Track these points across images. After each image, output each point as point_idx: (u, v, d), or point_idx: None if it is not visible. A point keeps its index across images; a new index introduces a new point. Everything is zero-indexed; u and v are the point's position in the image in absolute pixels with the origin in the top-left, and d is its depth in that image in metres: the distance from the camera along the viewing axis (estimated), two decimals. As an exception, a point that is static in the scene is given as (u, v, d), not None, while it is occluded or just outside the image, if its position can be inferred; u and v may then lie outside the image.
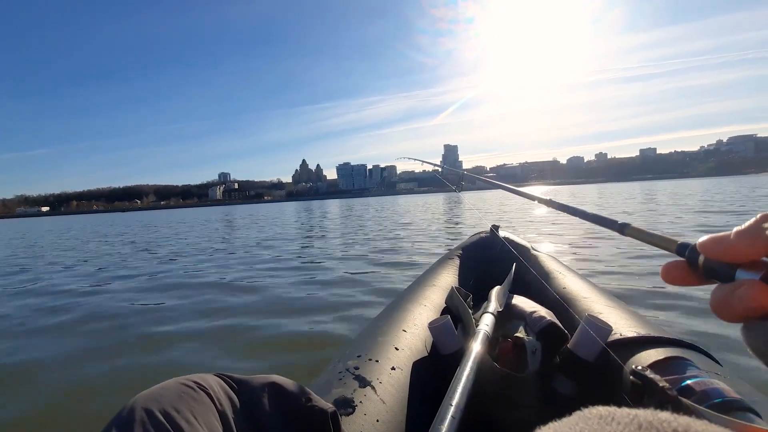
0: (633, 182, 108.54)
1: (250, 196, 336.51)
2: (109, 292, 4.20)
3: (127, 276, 5.14)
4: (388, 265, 4.68)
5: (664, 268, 0.29)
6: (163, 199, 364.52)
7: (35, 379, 2.10)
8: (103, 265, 6.29)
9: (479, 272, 1.74)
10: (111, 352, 2.39)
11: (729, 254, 0.24)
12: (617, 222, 0.44)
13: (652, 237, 0.35)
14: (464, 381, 0.69)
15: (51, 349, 2.52)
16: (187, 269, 5.39)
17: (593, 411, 0.26)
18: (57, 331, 2.91)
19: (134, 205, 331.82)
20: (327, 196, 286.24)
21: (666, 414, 0.23)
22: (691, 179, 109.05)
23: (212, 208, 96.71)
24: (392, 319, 1.13)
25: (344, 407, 0.72)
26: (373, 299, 3.18)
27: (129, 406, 0.47)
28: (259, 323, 2.75)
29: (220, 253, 6.86)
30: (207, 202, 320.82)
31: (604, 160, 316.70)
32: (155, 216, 44.49)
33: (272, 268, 4.93)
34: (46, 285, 4.85)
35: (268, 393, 0.59)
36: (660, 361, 0.80)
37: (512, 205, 16.23)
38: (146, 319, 3.08)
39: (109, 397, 1.85)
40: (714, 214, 8.15)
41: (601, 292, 1.29)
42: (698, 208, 10.03)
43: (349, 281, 3.91)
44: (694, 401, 0.64)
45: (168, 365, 2.16)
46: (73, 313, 3.38)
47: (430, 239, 6.90)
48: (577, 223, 8.54)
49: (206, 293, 3.81)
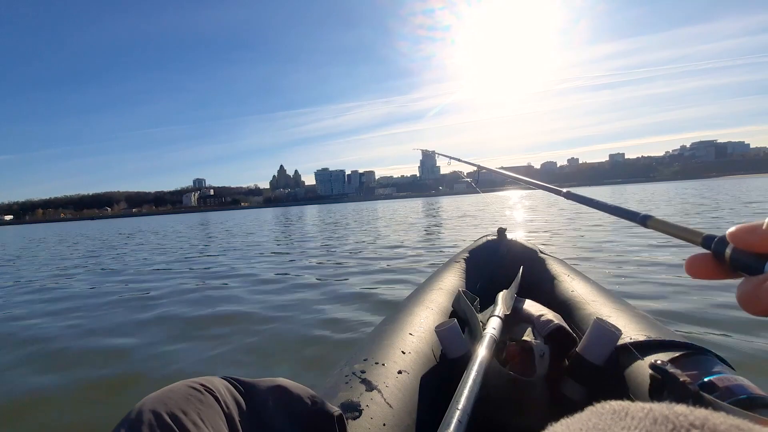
0: (604, 186, 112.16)
1: (227, 202, 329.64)
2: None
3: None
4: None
5: (688, 261, 0.28)
6: (135, 206, 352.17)
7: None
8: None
9: (486, 275, 1.74)
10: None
11: (761, 244, 0.24)
12: (639, 214, 0.43)
13: (676, 229, 0.34)
14: (471, 385, 0.69)
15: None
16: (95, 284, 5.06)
17: (606, 406, 0.26)
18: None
19: (104, 213, 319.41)
20: (306, 201, 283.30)
21: (682, 407, 0.22)
22: (658, 183, 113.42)
23: (186, 215, 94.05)
24: (399, 323, 1.12)
25: (351, 411, 0.72)
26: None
27: (137, 408, 0.47)
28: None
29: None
30: (181, 208, 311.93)
31: (576, 164, 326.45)
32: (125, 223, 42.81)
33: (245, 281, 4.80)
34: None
35: (274, 396, 0.59)
36: (680, 357, 0.79)
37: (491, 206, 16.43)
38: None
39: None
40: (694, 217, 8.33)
41: (610, 295, 1.28)
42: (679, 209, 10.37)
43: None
44: (717, 397, 0.63)
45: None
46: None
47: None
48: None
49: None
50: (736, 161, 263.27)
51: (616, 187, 79.25)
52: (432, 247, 6.30)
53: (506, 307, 1.05)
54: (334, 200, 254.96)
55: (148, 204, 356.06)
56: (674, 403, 0.23)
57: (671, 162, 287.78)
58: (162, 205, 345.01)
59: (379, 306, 3.03)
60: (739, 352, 1.82)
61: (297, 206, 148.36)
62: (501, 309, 1.03)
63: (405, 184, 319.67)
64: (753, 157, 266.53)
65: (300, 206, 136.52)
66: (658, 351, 0.86)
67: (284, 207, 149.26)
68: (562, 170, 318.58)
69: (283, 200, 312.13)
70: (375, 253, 6.00)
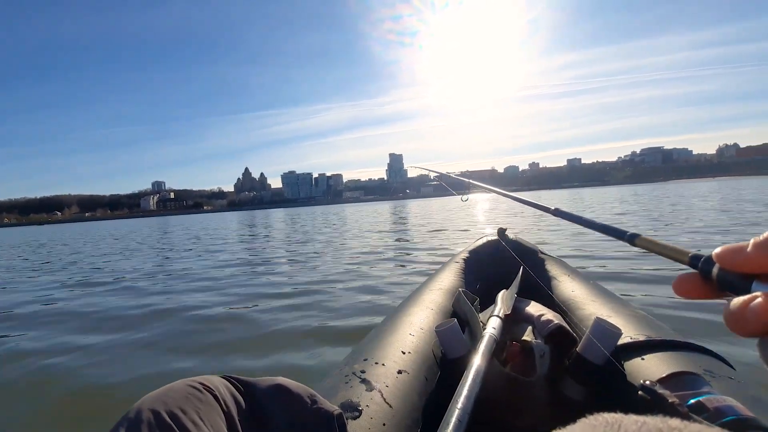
0: (562, 190, 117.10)
1: (188, 206, 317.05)
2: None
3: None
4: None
5: (676, 280, 0.28)
6: (88, 210, 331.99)
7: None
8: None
9: (486, 276, 1.73)
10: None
11: (746, 265, 0.24)
12: (627, 233, 0.42)
13: (664, 248, 0.33)
14: (471, 385, 0.69)
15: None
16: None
17: (599, 418, 0.25)
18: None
19: (54, 218, 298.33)
20: (271, 205, 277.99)
21: (676, 421, 0.22)
22: (611, 186, 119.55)
23: (144, 219, 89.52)
24: (399, 323, 1.12)
25: (350, 411, 0.72)
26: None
27: (136, 407, 0.47)
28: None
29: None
30: (139, 212, 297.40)
31: (537, 169, 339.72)
32: (72, 229, 39.98)
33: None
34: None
35: (274, 395, 0.60)
36: (671, 375, 0.79)
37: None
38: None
39: None
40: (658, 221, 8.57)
41: (610, 295, 1.29)
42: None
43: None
44: (706, 419, 0.63)
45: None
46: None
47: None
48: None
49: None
50: (681, 167, 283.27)
51: (573, 190, 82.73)
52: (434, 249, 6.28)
53: (506, 307, 1.04)
54: (302, 203, 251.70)
55: (102, 208, 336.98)
56: (668, 417, 0.22)
57: (623, 167, 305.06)
58: (118, 209, 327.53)
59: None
60: (740, 351, 1.74)
61: (263, 210, 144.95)
62: (501, 309, 1.02)
63: (373, 188, 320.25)
64: (695, 163, 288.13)
65: (266, 210, 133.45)
66: (658, 350, 0.87)
67: (249, 210, 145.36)
68: (524, 174, 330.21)
69: (249, 204, 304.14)
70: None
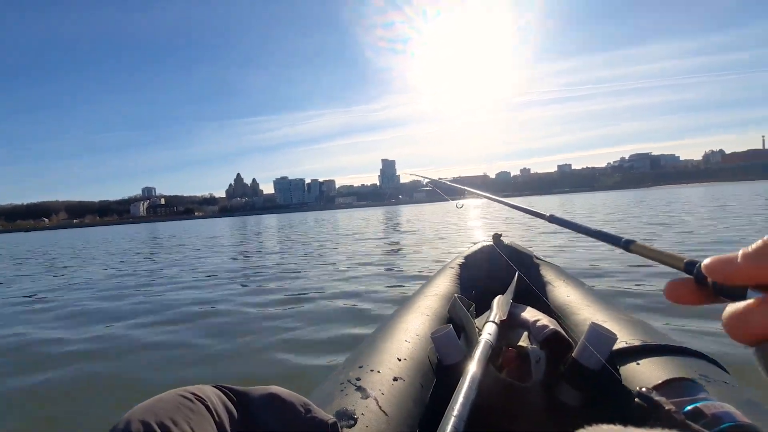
0: (553, 195, 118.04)
1: (179, 212, 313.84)
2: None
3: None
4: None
5: (667, 286, 0.27)
6: (76, 216, 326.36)
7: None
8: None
9: (482, 281, 1.74)
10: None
11: (737, 276, 0.23)
12: (622, 239, 0.43)
13: (659, 254, 0.33)
14: (467, 391, 0.68)
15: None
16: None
17: (597, 430, 0.25)
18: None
19: (41, 224, 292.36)
20: (264, 211, 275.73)
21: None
22: (601, 192, 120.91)
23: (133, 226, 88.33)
24: (394, 329, 1.11)
25: (345, 419, 0.71)
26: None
27: (125, 418, 0.46)
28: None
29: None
30: (129, 219, 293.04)
31: (528, 175, 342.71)
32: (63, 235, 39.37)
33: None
34: None
35: (267, 404, 0.59)
36: (667, 381, 0.79)
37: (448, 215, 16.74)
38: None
39: None
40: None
41: (605, 301, 1.30)
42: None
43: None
44: (704, 425, 0.63)
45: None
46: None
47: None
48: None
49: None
50: (668, 172, 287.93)
51: (564, 196, 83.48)
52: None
53: (502, 312, 1.04)
54: (294, 209, 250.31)
55: (91, 214, 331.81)
56: (666, 430, 0.22)
57: (612, 172, 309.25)
58: (107, 215, 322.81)
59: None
60: (734, 355, 1.73)
61: (255, 215, 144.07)
62: (497, 315, 1.03)
63: (365, 194, 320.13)
64: (683, 169, 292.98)
65: (258, 215, 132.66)
66: (653, 355, 0.87)
67: (241, 216, 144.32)
68: (516, 180, 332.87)
69: (240, 210, 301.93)
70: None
